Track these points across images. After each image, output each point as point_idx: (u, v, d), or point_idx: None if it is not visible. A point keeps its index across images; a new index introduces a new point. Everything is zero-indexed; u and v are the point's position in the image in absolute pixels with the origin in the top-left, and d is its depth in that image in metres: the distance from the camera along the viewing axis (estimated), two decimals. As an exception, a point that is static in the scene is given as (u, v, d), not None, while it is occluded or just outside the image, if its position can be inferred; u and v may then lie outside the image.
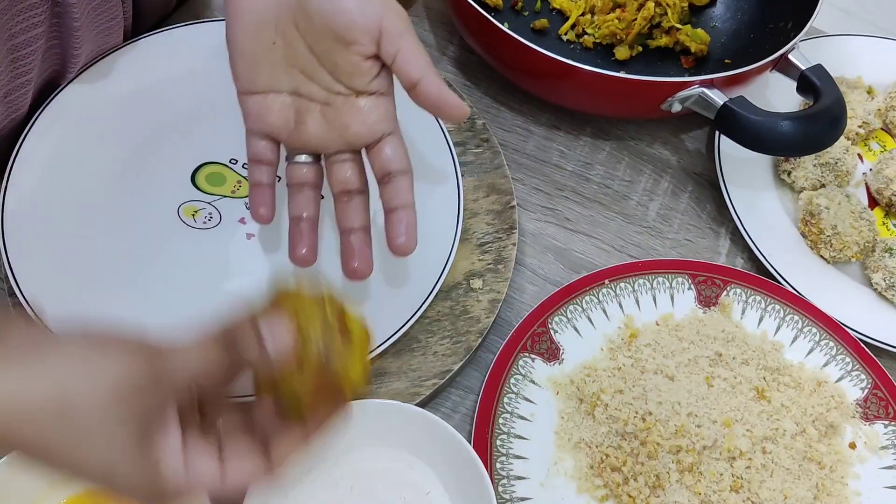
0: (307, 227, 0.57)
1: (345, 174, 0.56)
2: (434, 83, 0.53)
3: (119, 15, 0.68)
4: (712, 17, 0.85)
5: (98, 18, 0.66)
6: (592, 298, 0.67)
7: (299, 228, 0.57)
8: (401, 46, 0.52)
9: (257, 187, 0.57)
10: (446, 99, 0.53)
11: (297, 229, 0.57)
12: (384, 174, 0.55)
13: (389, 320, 0.62)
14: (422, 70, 0.52)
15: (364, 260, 0.56)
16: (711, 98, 0.69)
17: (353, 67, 0.53)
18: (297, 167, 0.57)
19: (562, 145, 0.78)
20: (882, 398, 0.65)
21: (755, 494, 0.59)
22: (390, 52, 0.52)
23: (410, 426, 0.56)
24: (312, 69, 0.54)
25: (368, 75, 0.53)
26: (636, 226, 0.75)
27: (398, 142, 0.55)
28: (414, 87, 0.53)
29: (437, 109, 0.54)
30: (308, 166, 0.57)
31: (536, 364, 0.64)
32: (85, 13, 0.64)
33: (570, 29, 0.82)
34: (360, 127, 0.54)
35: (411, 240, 0.54)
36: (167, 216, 0.65)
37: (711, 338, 0.65)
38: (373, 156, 0.55)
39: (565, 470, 0.60)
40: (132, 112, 0.69)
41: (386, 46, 0.52)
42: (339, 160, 0.56)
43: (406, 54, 0.52)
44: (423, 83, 0.53)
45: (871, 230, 0.71)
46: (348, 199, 0.56)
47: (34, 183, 0.64)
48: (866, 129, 0.80)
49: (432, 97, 0.53)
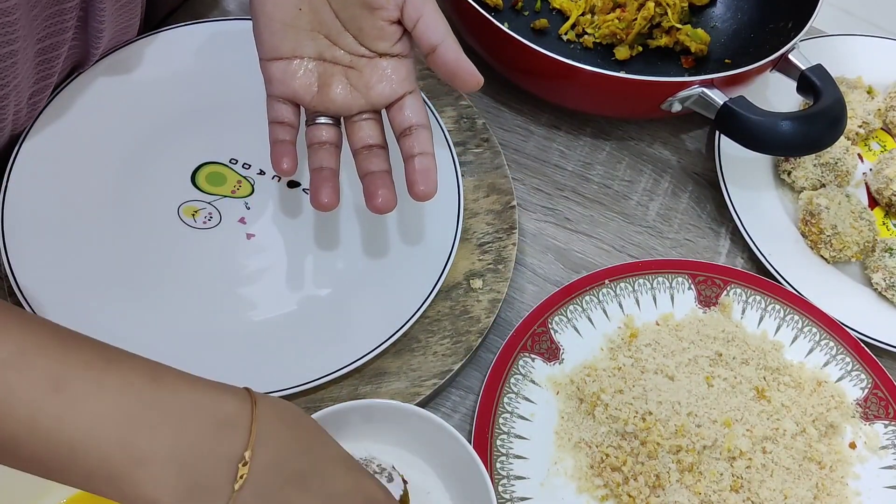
0: (329, 174, 0.58)
1: (366, 132, 0.58)
2: (452, 49, 0.55)
3: (138, 14, 0.69)
4: (712, 17, 0.85)
5: (120, 18, 0.67)
6: (592, 298, 0.67)
7: (321, 175, 0.58)
8: (423, 12, 0.54)
9: (279, 143, 0.58)
10: (463, 65, 0.55)
11: (319, 176, 0.58)
12: (405, 128, 0.57)
13: (389, 320, 0.62)
14: (442, 35, 0.55)
15: (388, 193, 0.57)
16: (711, 98, 0.69)
17: (379, 31, 0.55)
18: (318, 128, 0.59)
19: (562, 145, 0.78)
20: (882, 398, 0.65)
21: (755, 494, 0.59)
22: (413, 17, 0.55)
23: (410, 426, 0.56)
24: (337, 33, 0.56)
25: (392, 38, 0.56)
26: (636, 226, 0.75)
27: (418, 99, 0.58)
28: (433, 52, 0.55)
29: (453, 75, 0.56)
30: (328, 127, 0.59)
31: (536, 364, 0.64)
32: (110, 14, 0.65)
33: (570, 29, 0.82)
34: (384, 87, 0.57)
35: (431, 186, 0.56)
36: (167, 216, 0.65)
37: (711, 338, 0.65)
38: (394, 113, 0.57)
39: (565, 470, 0.60)
40: (132, 112, 0.69)
41: (409, 11, 0.54)
42: (361, 119, 0.58)
43: (427, 19, 0.55)
44: (442, 48, 0.55)
45: (871, 230, 0.71)
46: (369, 153, 0.58)
47: (34, 183, 0.64)
48: (866, 129, 0.80)
49: (450, 62, 0.55)
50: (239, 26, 0.74)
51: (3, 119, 0.61)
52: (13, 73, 0.58)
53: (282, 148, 0.58)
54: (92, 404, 0.39)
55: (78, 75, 0.69)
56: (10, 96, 0.59)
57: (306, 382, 0.59)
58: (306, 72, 0.57)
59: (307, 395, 0.60)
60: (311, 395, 0.60)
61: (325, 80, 0.57)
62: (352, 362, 0.60)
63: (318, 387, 0.60)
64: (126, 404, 0.39)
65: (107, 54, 0.70)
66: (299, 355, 0.60)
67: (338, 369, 0.59)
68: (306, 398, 0.60)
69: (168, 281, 0.63)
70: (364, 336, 0.61)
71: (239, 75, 0.70)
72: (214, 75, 0.72)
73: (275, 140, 0.58)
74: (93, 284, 0.61)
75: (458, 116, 0.74)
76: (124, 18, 0.68)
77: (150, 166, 0.67)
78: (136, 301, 0.61)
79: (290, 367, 0.59)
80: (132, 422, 0.39)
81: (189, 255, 0.64)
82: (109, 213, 0.64)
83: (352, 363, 0.60)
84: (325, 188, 0.57)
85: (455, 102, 0.75)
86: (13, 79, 0.58)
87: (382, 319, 0.62)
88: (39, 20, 0.59)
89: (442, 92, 0.75)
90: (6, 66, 0.56)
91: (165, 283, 0.63)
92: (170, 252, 0.64)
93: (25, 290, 0.59)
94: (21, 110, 0.63)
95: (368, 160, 0.58)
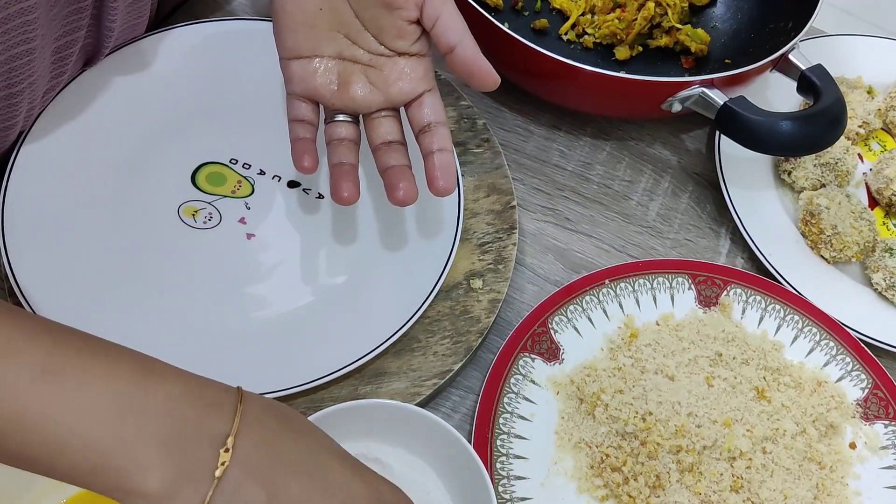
0: (349, 168, 0.58)
1: (386, 129, 0.59)
2: (470, 48, 0.56)
3: (147, 12, 0.70)
4: (712, 17, 0.85)
5: (130, 15, 0.68)
6: (592, 298, 0.67)
7: (342, 170, 0.58)
8: (442, 12, 0.55)
9: (299, 141, 0.58)
10: (480, 65, 0.56)
11: (340, 171, 0.58)
12: (424, 125, 0.58)
13: (389, 320, 0.62)
14: (460, 35, 0.56)
15: (409, 185, 0.57)
16: (711, 98, 0.69)
17: (398, 31, 0.56)
18: (337, 126, 0.59)
19: (562, 145, 0.78)
20: (882, 398, 0.65)
21: (755, 494, 0.59)
22: (432, 16, 0.55)
23: (410, 426, 0.56)
24: (356, 33, 0.57)
25: (411, 38, 0.57)
26: (636, 226, 0.75)
27: (437, 97, 0.58)
28: (451, 51, 0.56)
29: (470, 74, 0.56)
30: (347, 125, 0.60)
31: (536, 364, 0.64)
32: (122, 12, 0.65)
33: (570, 29, 0.82)
34: (404, 85, 0.58)
35: (451, 181, 0.57)
36: (167, 216, 0.65)
37: (711, 338, 0.65)
38: (413, 110, 0.58)
39: (565, 470, 0.60)
40: (132, 111, 0.69)
41: (428, 11, 0.55)
42: (379, 117, 0.59)
43: (446, 19, 0.55)
44: (460, 48, 0.56)
45: (871, 230, 0.71)
46: (388, 148, 0.59)
47: (34, 183, 0.64)
48: (866, 129, 0.80)
49: (467, 62, 0.56)
50: (240, 26, 0.74)
51: (17, 116, 0.61)
52: (30, 70, 0.58)
53: (302, 146, 0.58)
54: (78, 394, 0.39)
55: (78, 75, 0.69)
56: (25, 93, 0.60)
57: (306, 382, 0.59)
58: (326, 70, 0.58)
59: (307, 395, 0.60)
60: (311, 395, 0.60)
61: (344, 78, 0.58)
62: (352, 362, 0.60)
63: (318, 387, 0.60)
64: (113, 394, 0.39)
65: (108, 54, 0.70)
66: (299, 355, 0.60)
67: (338, 369, 0.59)
68: (306, 398, 0.60)
69: (167, 281, 0.63)
70: (364, 336, 0.61)
71: (240, 75, 0.70)
72: (215, 75, 0.72)
73: (295, 138, 0.58)
74: (92, 284, 0.61)
75: (458, 116, 0.74)
76: (134, 16, 0.68)
77: (150, 166, 0.67)
78: (135, 301, 0.61)
79: (290, 367, 0.59)
80: (118, 411, 0.39)
81: (189, 256, 0.64)
82: (109, 213, 0.64)
83: (352, 363, 0.60)
84: (345, 182, 0.58)
85: (455, 103, 0.75)
86: (29, 76, 0.59)
87: (382, 319, 0.62)
88: (58, 19, 0.59)
89: (442, 92, 0.74)
90: (23, 63, 0.57)
91: (165, 284, 0.63)
92: (169, 252, 0.64)
93: (25, 290, 0.59)
94: (34, 107, 0.64)
95: (388, 155, 0.58)
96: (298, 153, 0.58)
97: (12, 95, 0.59)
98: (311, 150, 0.58)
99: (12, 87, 0.58)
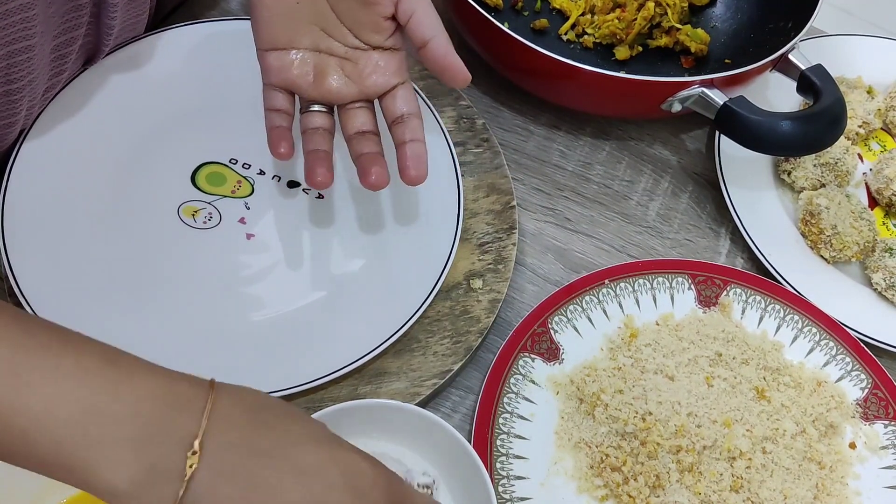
0: (323, 155, 0.60)
1: (360, 119, 0.60)
2: (443, 44, 0.57)
3: (147, 8, 0.70)
4: (712, 17, 0.85)
5: (130, 13, 0.68)
6: (592, 298, 0.67)
7: (316, 156, 0.59)
8: (416, 8, 0.56)
9: (275, 129, 0.60)
10: (452, 61, 0.57)
11: (315, 157, 0.59)
12: (397, 117, 0.59)
13: (389, 320, 0.62)
14: (433, 31, 0.57)
15: (380, 170, 0.58)
16: (711, 98, 0.69)
17: (374, 26, 0.58)
18: (312, 115, 0.61)
19: (562, 145, 0.78)
20: (882, 398, 0.65)
21: (755, 494, 0.59)
22: (407, 12, 0.57)
23: (410, 426, 0.56)
24: (333, 26, 0.58)
25: (386, 33, 0.58)
26: (636, 226, 0.75)
27: (409, 90, 0.60)
28: (424, 47, 0.57)
29: (442, 70, 0.58)
30: (322, 115, 0.61)
31: (536, 364, 0.64)
32: (121, 9, 0.66)
33: (570, 29, 0.82)
34: (378, 78, 0.59)
35: (423, 170, 0.58)
36: (167, 216, 0.65)
37: (711, 338, 0.65)
38: (386, 103, 0.60)
39: (565, 470, 0.60)
40: (132, 112, 0.69)
41: (403, 7, 0.57)
42: (354, 108, 0.60)
43: (420, 15, 0.57)
44: (433, 43, 0.57)
45: (871, 230, 0.71)
46: (361, 137, 0.60)
47: (34, 183, 0.64)
48: (866, 129, 0.80)
49: (439, 58, 0.57)
50: (240, 26, 0.74)
51: (17, 114, 0.62)
52: (29, 67, 0.58)
53: (279, 133, 0.59)
54: (46, 388, 0.38)
55: (78, 75, 0.69)
56: (25, 90, 0.60)
57: (306, 382, 0.58)
58: (302, 62, 0.59)
59: (307, 395, 0.60)
60: (311, 395, 0.60)
61: (320, 69, 0.59)
62: (352, 362, 0.60)
63: (318, 387, 0.60)
64: (81, 388, 0.39)
65: (105, 55, 0.70)
66: (299, 355, 0.60)
67: (338, 369, 0.59)
68: (306, 398, 0.60)
69: (167, 281, 0.63)
70: (364, 336, 0.61)
71: (239, 75, 0.70)
72: (215, 75, 0.72)
73: (271, 126, 0.60)
74: (92, 283, 0.61)
75: (457, 116, 0.74)
76: (134, 13, 0.69)
77: (150, 166, 0.67)
78: (135, 301, 0.61)
79: (290, 367, 0.59)
80: (86, 405, 0.39)
81: (189, 256, 0.64)
82: (109, 213, 0.64)
83: (352, 363, 0.60)
84: (319, 168, 0.59)
85: (455, 103, 0.75)
86: (29, 73, 0.59)
87: (382, 319, 0.62)
88: (57, 16, 0.59)
89: (442, 92, 0.75)
90: (23, 60, 0.57)
91: (165, 284, 0.62)
92: (169, 252, 0.64)
93: (25, 290, 0.59)
94: (35, 105, 0.64)
95: (361, 143, 0.60)
96: (275, 140, 0.59)
97: (12, 92, 0.59)
98: (287, 137, 0.59)
99: (12, 84, 0.59)
